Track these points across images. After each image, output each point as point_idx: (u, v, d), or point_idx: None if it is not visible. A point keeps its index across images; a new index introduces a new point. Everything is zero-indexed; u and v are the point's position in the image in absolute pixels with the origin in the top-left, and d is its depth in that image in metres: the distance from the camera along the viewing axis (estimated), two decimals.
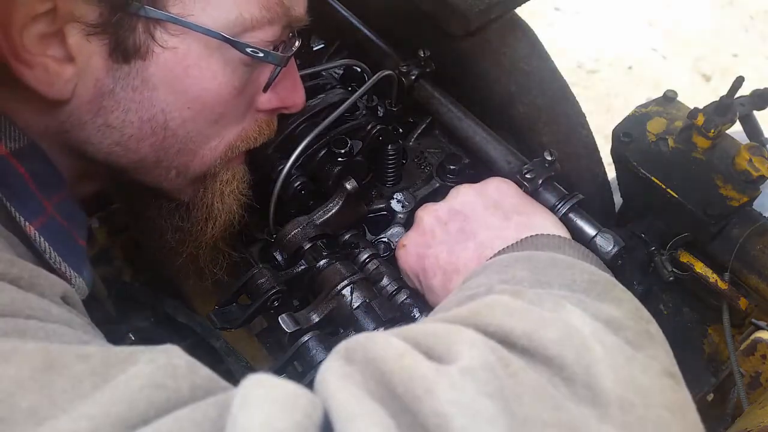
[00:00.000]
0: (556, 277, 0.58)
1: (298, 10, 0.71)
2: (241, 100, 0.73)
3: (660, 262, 1.04)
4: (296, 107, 0.81)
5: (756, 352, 0.99)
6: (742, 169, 0.98)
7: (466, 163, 1.08)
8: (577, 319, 0.49)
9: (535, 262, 0.60)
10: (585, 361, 0.45)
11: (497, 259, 0.65)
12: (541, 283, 0.57)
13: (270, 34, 0.68)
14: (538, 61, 1.16)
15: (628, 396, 0.44)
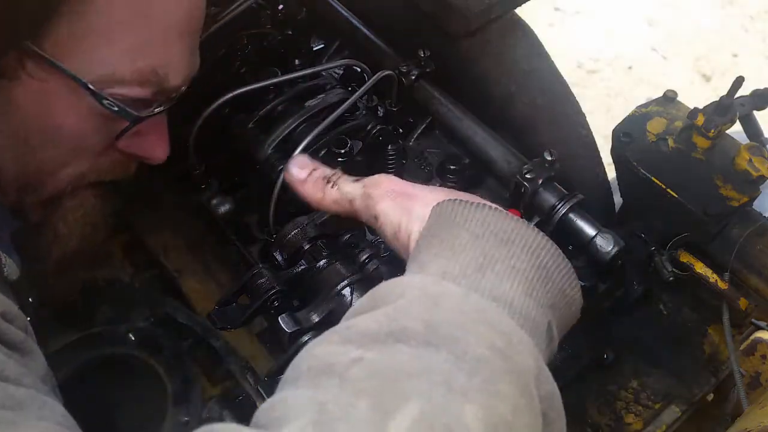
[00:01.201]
0: (447, 341, 0.49)
1: (173, 82, 0.74)
2: (97, 139, 0.76)
3: (660, 262, 1.04)
4: (155, 160, 0.84)
5: (756, 352, 0.99)
6: (742, 169, 0.98)
7: (466, 163, 1.08)
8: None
9: (438, 312, 0.52)
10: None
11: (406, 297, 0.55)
12: (428, 344, 0.49)
13: (136, 93, 0.72)
14: (538, 61, 1.16)
15: None
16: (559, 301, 0.61)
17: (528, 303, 0.56)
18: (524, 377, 0.50)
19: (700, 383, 1.04)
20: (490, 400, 0.46)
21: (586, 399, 1.05)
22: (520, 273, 0.57)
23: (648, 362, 1.07)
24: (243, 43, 1.13)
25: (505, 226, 0.60)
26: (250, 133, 1.04)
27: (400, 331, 0.49)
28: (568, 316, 0.63)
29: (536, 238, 0.60)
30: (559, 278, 0.61)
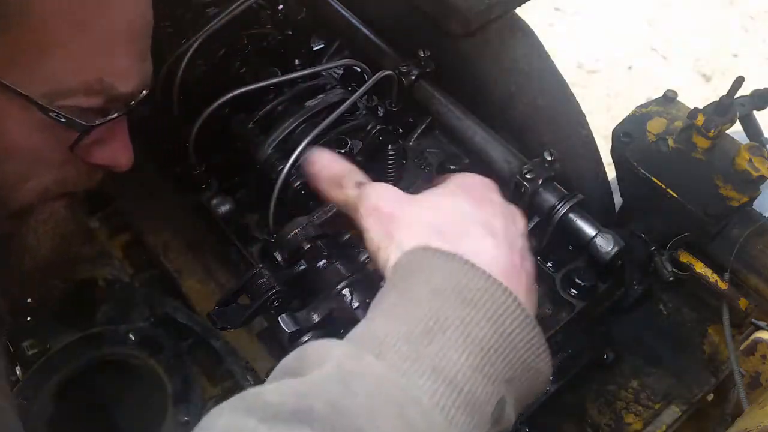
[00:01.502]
0: (351, 430, 0.47)
1: (122, 89, 0.73)
2: (54, 152, 0.76)
3: (660, 262, 1.04)
4: (120, 168, 0.83)
5: (756, 352, 0.99)
6: (742, 169, 0.98)
7: (466, 163, 1.08)
8: None
9: (349, 395, 0.49)
10: None
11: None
12: (332, 430, 0.47)
13: (84, 103, 0.71)
14: (538, 61, 1.16)
15: None
16: (520, 374, 0.56)
17: (475, 378, 0.52)
18: None
19: (700, 383, 1.04)
20: None
21: (586, 399, 1.05)
22: (475, 343, 0.53)
23: (648, 362, 1.07)
24: (243, 43, 1.13)
25: (472, 285, 0.56)
26: (250, 133, 1.04)
27: (305, 411, 0.47)
28: (531, 388, 0.58)
29: (505, 302, 0.56)
30: (524, 350, 0.56)
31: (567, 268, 1.00)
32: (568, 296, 0.97)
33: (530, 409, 0.94)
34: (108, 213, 1.29)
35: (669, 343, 1.09)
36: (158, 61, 1.08)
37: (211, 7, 1.15)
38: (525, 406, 0.59)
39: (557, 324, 0.95)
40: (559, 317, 0.97)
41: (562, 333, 0.94)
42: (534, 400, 0.63)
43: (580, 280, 0.97)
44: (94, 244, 1.26)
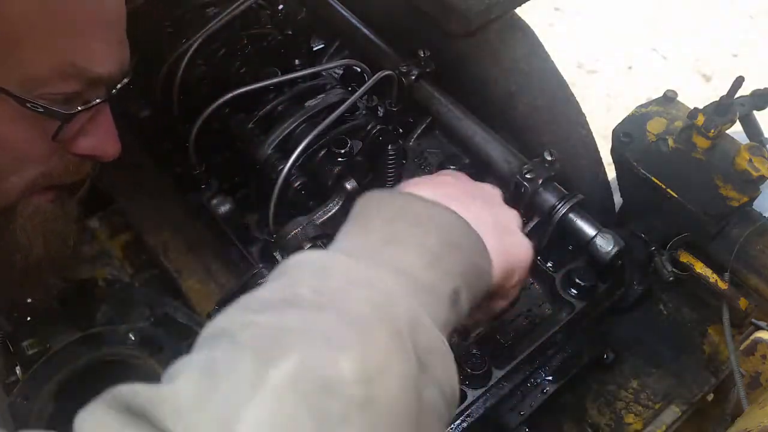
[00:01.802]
0: (331, 303, 0.55)
1: (99, 71, 0.73)
2: (37, 143, 0.75)
3: (660, 262, 1.04)
4: (107, 157, 0.82)
5: (756, 352, 0.99)
6: (742, 169, 0.98)
7: (466, 163, 1.08)
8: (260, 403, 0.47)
9: (326, 280, 0.57)
10: None
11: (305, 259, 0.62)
12: (315, 307, 0.54)
13: (61, 89, 0.70)
14: (538, 61, 1.16)
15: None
16: (468, 270, 0.66)
17: (430, 273, 0.62)
18: (397, 325, 0.55)
19: (700, 383, 1.04)
20: (365, 349, 0.51)
21: (586, 399, 1.05)
22: (426, 248, 0.63)
23: (648, 362, 1.07)
24: (243, 43, 1.13)
25: (419, 211, 0.66)
26: (250, 133, 1.04)
27: (291, 297, 0.55)
28: (479, 283, 0.68)
29: (449, 219, 0.66)
30: (469, 251, 0.66)
31: (567, 268, 1.00)
32: (568, 296, 0.97)
33: (530, 409, 0.94)
34: (108, 213, 1.29)
35: (669, 343, 1.09)
36: (158, 61, 1.09)
37: (211, 7, 1.15)
38: (476, 299, 0.68)
39: (557, 324, 0.95)
40: (559, 317, 0.97)
41: (562, 333, 0.94)
42: (483, 296, 0.70)
43: (580, 280, 0.97)
44: (94, 244, 1.26)
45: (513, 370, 0.90)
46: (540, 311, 1.01)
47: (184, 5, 1.15)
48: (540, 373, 0.96)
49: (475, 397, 0.87)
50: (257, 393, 0.46)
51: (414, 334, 0.56)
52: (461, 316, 0.66)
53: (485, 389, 0.88)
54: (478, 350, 0.89)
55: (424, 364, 0.56)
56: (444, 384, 0.58)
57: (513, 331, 0.98)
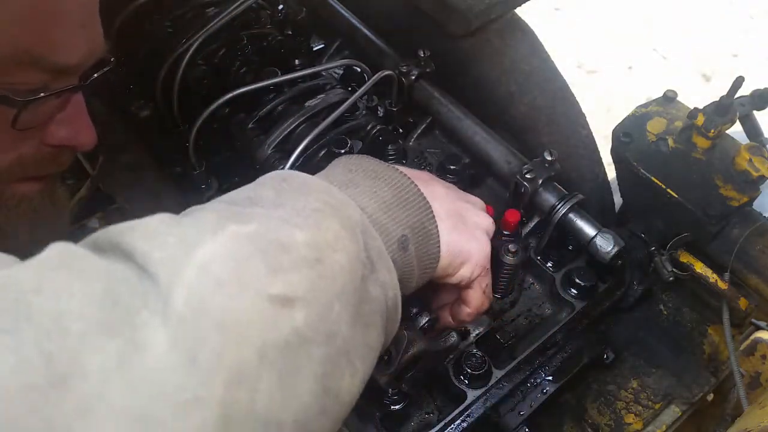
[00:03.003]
0: (291, 201, 0.61)
1: (64, 60, 0.70)
2: (2, 132, 0.73)
3: (660, 262, 1.04)
4: (82, 147, 0.81)
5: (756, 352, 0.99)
6: (742, 169, 0.98)
7: (466, 163, 1.08)
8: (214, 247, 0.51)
9: (288, 185, 0.64)
10: (173, 278, 0.48)
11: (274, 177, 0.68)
12: (276, 204, 0.60)
13: (22, 80, 0.68)
14: (538, 61, 1.16)
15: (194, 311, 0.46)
16: (417, 227, 0.71)
17: (381, 215, 0.68)
18: (350, 222, 0.61)
19: (700, 383, 1.04)
20: (317, 230, 0.57)
21: (586, 399, 1.05)
22: (380, 197, 0.69)
23: (648, 362, 1.07)
24: (243, 43, 1.13)
25: (378, 169, 0.72)
26: (250, 133, 1.04)
27: (256, 196, 0.61)
28: (428, 247, 0.72)
29: (404, 181, 0.72)
30: (418, 211, 0.72)
31: (567, 268, 1.00)
32: (568, 296, 0.98)
33: (530, 409, 0.94)
34: (108, 213, 1.28)
35: (669, 343, 1.09)
36: (158, 61, 1.09)
37: (211, 7, 1.15)
38: (425, 263, 0.72)
39: (557, 324, 0.95)
40: (559, 317, 0.97)
41: (562, 333, 0.94)
42: (433, 270, 0.74)
43: (580, 280, 0.97)
44: None
45: (513, 370, 0.90)
46: (540, 311, 1.01)
47: (184, 5, 1.15)
48: (540, 373, 0.96)
49: (475, 397, 0.87)
50: (218, 235, 0.51)
51: (365, 235, 0.62)
52: (409, 270, 0.70)
53: (485, 389, 0.88)
54: (478, 350, 0.89)
55: (372, 263, 0.62)
56: (388, 288, 0.63)
57: (513, 331, 0.98)
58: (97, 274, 0.46)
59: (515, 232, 0.97)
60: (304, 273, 0.53)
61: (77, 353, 0.42)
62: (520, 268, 0.96)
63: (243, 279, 0.49)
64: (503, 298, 0.99)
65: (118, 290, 0.46)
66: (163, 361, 0.43)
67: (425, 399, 0.92)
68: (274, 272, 0.51)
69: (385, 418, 0.87)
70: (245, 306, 0.48)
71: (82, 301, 0.44)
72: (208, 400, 0.44)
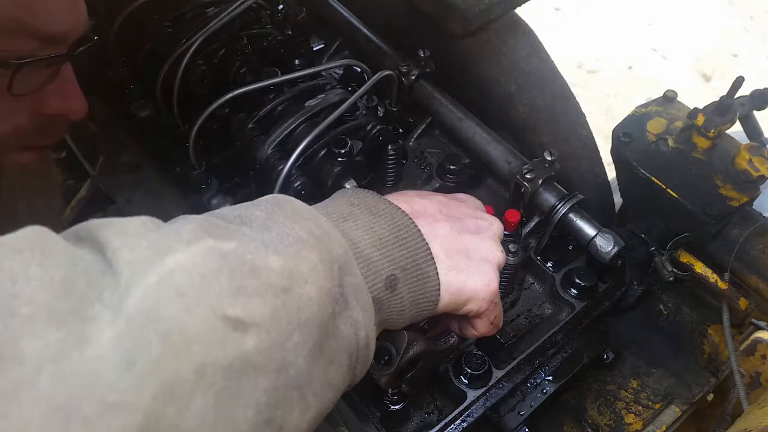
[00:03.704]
0: (279, 226, 0.62)
1: (51, 28, 0.74)
2: (2, 102, 0.77)
3: (660, 262, 1.04)
4: (75, 115, 0.84)
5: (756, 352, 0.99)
6: (742, 169, 0.98)
7: (466, 163, 1.08)
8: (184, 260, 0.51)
9: (278, 210, 0.64)
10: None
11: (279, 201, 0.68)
12: (264, 227, 0.61)
13: (13, 47, 0.71)
14: (538, 61, 1.16)
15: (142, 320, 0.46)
16: (411, 267, 0.69)
17: (374, 251, 0.67)
18: (329, 256, 0.61)
19: (700, 383, 1.04)
20: (294, 260, 0.57)
21: (586, 399, 1.05)
22: (376, 232, 0.69)
23: (648, 362, 1.07)
24: (243, 43, 1.13)
25: (380, 206, 0.72)
26: (250, 133, 1.04)
27: (246, 215, 0.61)
28: (424, 288, 0.71)
29: (404, 220, 0.72)
30: (415, 251, 0.70)
31: (567, 268, 1.00)
32: (568, 296, 0.98)
33: (530, 409, 0.94)
34: (108, 213, 1.28)
35: (669, 343, 1.09)
36: (158, 61, 1.09)
37: (211, 7, 1.15)
38: (418, 302, 0.71)
39: (557, 324, 0.95)
40: (559, 317, 0.97)
41: (562, 333, 0.94)
42: (431, 310, 0.72)
43: (580, 280, 0.97)
44: None
45: (513, 370, 0.90)
46: (540, 311, 1.01)
47: (184, 5, 1.15)
48: (540, 373, 0.96)
49: (475, 397, 0.87)
50: (192, 246, 0.51)
51: (342, 272, 0.62)
52: (398, 309, 0.69)
53: (485, 389, 0.88)
54: (478, 350, 0.89)
55: (346, 300, 0.61)
56: (360, 327, 0.62)
57: (513, 331, 0.98)
58: (61, 262, 0.46)
59: (515, 232, 0.97)
60: (267, 299, 0.53)
61: (18, 337, 0.42)
62: (520, 268, 0.96)
63: (203, 294, 0.49)
64: (503, 298, 0.99)
65: (78, 280, 0.46)
66: (102, 358, 0.43)
67: (425, 399, 0.92)
68: (236, 293, 0.51)
69: (385, 418, 0.87)
70: (196, 320, 0.48)
71: (38, 286, 0.44)
72: (134, 406, 0.43)
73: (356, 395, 0.87)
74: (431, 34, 1.15)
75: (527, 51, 1.16)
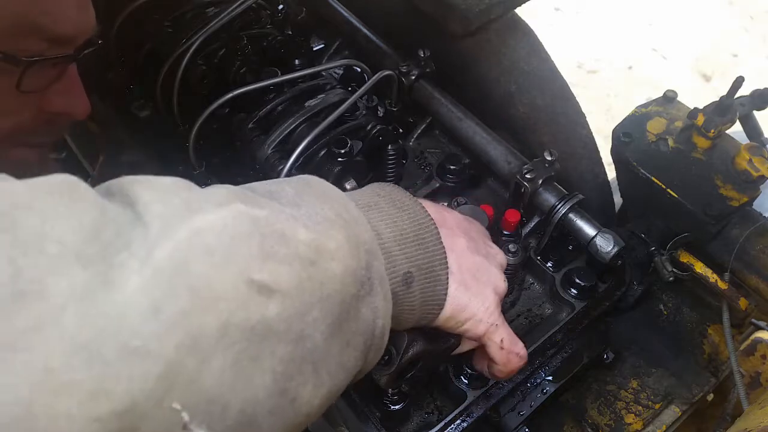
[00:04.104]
0: (308, 204, 0.62)
1: (61, 29, 0.76)
2: (7, 96, 0.78)
3: (660, 262, 1.04)
4: (78, 114, 0.86)
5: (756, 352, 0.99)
6: (742, 169, 0.98)
7: (466, 163, 1.08)
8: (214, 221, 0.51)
9: (309, 190, 0.64)
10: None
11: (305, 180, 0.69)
12: (293, 204, 0.61)
13: (23, 46, 0.74)
14: (538, 61, 1.16)
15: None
16: (426, 268, 0.70)
17: (395, 245, 0.67)
18: (357, 240, 0.61)
19: (700, 383, 1.04)
20: (322, 236, 0.57)
21: (586, 399, 1.05)
22: (398, 227, 0.69)
23: (648, 362, 1.07)
24: (243, 43, 1.13)
25: (405, 200, 0.72)
26: (250, 133, 1.04)
27: (277, 191, 0.62)
28: (434, 291, 0.71)
29: (426, 221, 0.72)
30: (432, 252, 0.71)
31: (567, 268, 1.00)
32: (568, 296, 0.98)
33: (530, 409, 0.94)
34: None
35: (669, 343, 1.09)
36: (158, 61, 1.09)
37: (211, 7, 1.15)
38: (428, 308, 0.71)
39: (557, 324, 0.95)
40: (559, 317, 0.97)
41: (562, 333, 0.94)
42: (435, 316, 0.73)
43: (580, 280, 0.97)
44: None
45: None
46: (540, 311, 1.01)
47: (184, 5, 1.15)
48: (540, 373, 0.96)
49: (475, 397, 0.87)
50: (221, 209, 0.52)
51: (370, 256, 0.62)
52: (409, 307, 0.69)
53: (485, 389, 0.88)
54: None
55: (372, 284, 0.61)
56: (379, 315, 0.62)
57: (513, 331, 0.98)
58: (91, 208, 0.47)
59: (515, 232, 0.97)
60: (294, 268, 0.53)
61: (46, 274, 0.42)
62: (520, 268, 0.96)
63: (232, 255, 0.50)
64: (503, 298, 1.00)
65: (107, 227, 0.46)
66: (128, 303, 0.43)
67: (425, 399, 0.92)
68: (265, 258, 0.51)
69: (385, 418, 0.87)
70: (224, 279, 0.48)
71: (67, 228, 0.44)
72: (156, 354, 0.44)
73: (356, 395, 0.87)
74: (431, 34, 1.15)
75: (527, 51, 1.16)
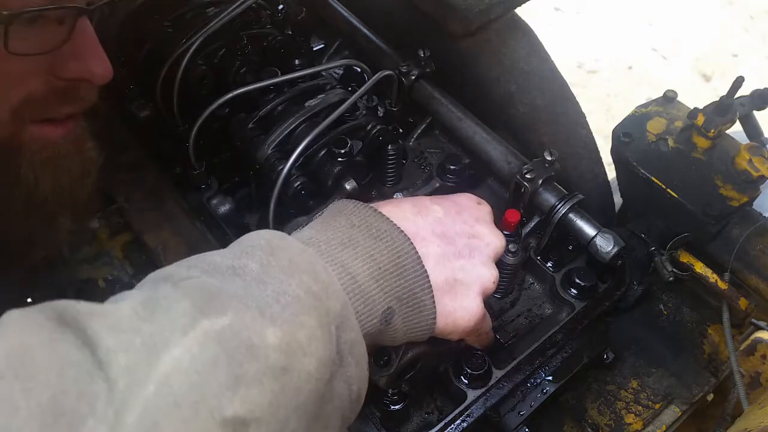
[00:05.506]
0: (274, 281, 0.59)
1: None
2: (7, 64, 0.69)
3: (660, 262, 1.04)
4: (97, 79, 0.76)
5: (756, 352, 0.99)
6: (742, 169, 0.98)
7: (466, 163, 1.08)
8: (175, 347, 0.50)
9: (275, 259, 0.61)
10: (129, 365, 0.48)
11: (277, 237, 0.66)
12: (259, 281, 0.59)
13: (29, 3, 0.65)
14: (538, 61, 1.16)
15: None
16: (408, 298, 0.69)
17: (371, 284, 0.66)
18: (327, 318, 0.59)
19: (700, 383, 1.04)
20: (292, 328, 0.55)
21: (586, 399, 1.05)
22: (376, 261, 0.67)
23: (648, 362, 1.07)
24: (243, 43, 1.13)
25: (381, 227, 0.70)
26: (250, 133, 1.04)
27: (239, 266, 0.59)
28: (419, 319, 0.70)
29: (404, 245, 0.69)
30: (413, 280, 0.69)
31: (567, 268, 1.00)
32: (568, 296, 0.97)
33: (530, 409, 0.94)
34: (108, 213, 1.28)
35: (669, 343, 1.09)
36: (158, 61, 1.09)
37: (211, 7, 1.15)
38: (411, 329, 0.70)
39: (557, 324, 0.95)
40: (559, 317, 0.97)
41: (562, 333, 0.94)
42: (423, 337, 0.73)
43: (580, 280, 0.97)
44: (94, 244, 1.25)
45: (513, 370, 0.90)
46: (540, 311, 1.01)
47: (184, 5, 1.15)
48: (540, 373, 0.96)
49: (475, 397, 0.87)
50: (187, 335, 0.50)
51: (340, 330, 0.60)
52: (390, 338, 0.70)
53: (485, 389, 0.88)
54: (478, 350, 0.89)
55: (342, 358, 0.61)
56: (353, 382, 0.62)
57: (513, 331, 0.98)
58: (47, 380, 0.45)
59: (515, 232, 0.97)
60: (266, 386, 0.52)
61: None
62: (520, 268, 0.96)
63: (202, 397, 0.48)
64: (503, 298, 1.00)
65: (67, 395, 0.44)
66: None
67: (425, 399, 0.92)
68: (236, 384, 0.50)
69: (385, 418, 0.87)
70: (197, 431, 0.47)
71: (25, 418, 0.43)
72: None
73: None
74: (431, 34, 1.15)
75: (527, 51, 1.16)
